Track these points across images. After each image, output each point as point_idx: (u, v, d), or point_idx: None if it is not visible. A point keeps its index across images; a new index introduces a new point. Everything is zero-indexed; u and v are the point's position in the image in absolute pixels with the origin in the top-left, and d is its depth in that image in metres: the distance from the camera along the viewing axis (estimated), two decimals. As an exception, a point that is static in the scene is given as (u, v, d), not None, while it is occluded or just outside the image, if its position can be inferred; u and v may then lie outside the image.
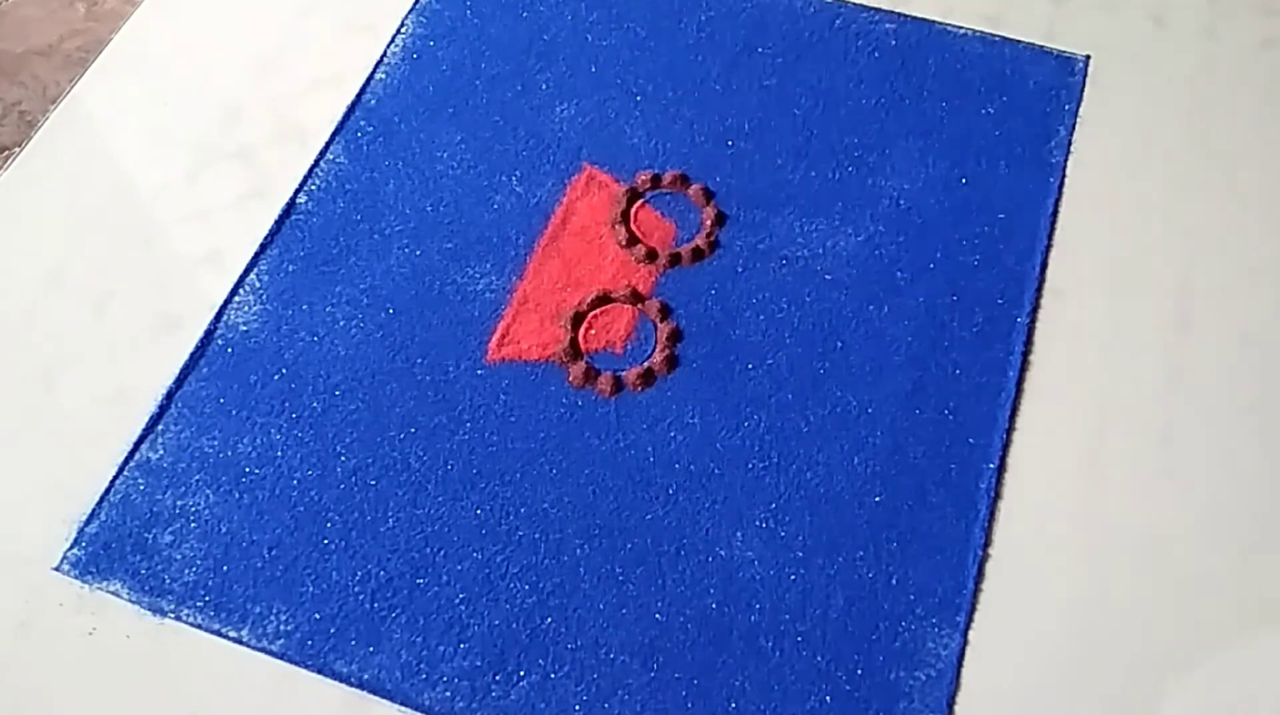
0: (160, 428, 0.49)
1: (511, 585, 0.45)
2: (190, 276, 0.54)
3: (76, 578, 0.46)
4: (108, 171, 0.57)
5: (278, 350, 0.51)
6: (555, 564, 0.45)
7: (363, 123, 0.58)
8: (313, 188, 0.56)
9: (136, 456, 0.49)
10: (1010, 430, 0.48)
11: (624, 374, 0.49)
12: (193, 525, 0.47)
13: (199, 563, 0.46)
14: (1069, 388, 0.49)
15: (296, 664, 0.44)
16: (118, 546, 0.46)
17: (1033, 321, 0.50)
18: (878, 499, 0.46)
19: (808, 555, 0.45)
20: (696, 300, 0.51)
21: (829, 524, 0.46)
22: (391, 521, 0.46)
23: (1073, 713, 0.42)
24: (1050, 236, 0.52)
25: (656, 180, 0.55)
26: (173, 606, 0.45)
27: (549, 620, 0.44)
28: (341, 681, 0.43)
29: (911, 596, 0.44)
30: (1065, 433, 0.48)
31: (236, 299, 0.52)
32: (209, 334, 0.51)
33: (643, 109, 0.57)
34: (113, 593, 0.45)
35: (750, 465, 0.47)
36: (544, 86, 0.58)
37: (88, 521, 0.47)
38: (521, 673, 0.43)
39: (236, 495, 0.47)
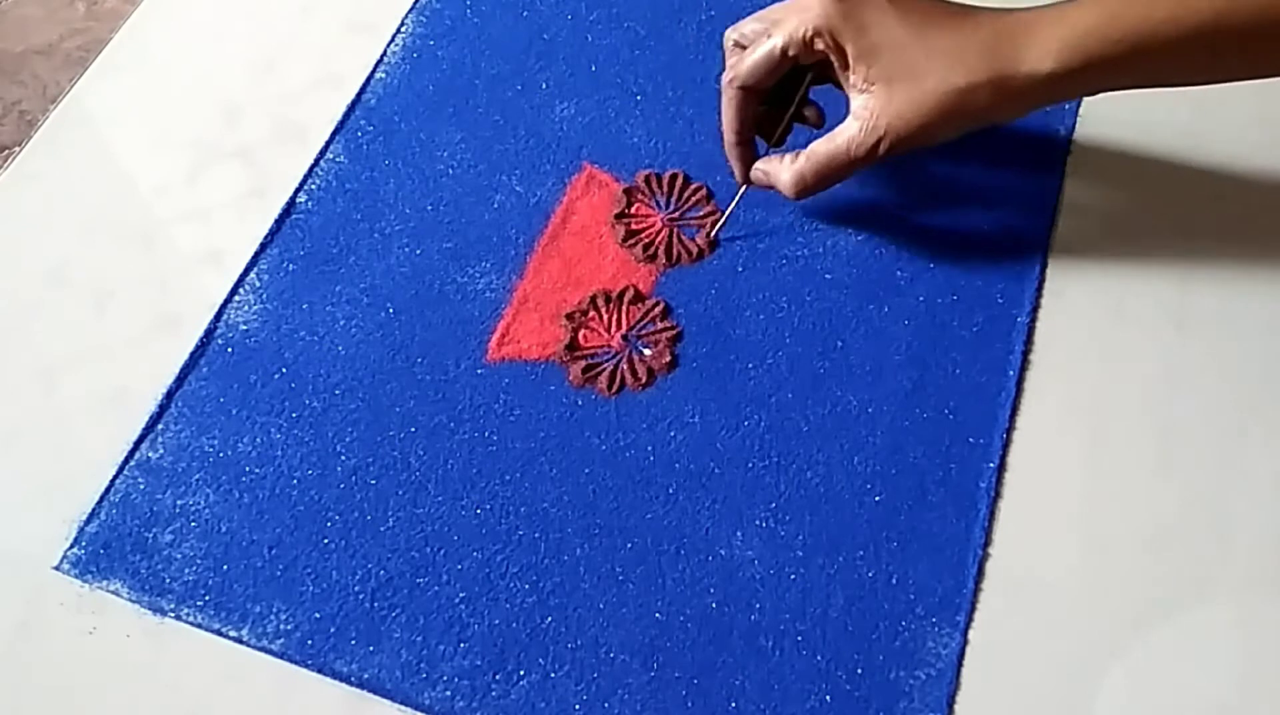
0: (160, 427, 0.49)
1: (511, 585, 0.45)
2: (190, 276, 0.54)
3: (76, 577, 0.46)
4: (108, 171, 0.58)
5: (278, 349, 0.51)
6: (555, 564, 0.45)
7: (363, 122, 0.58)
8: (313, 187, 0.56)
9: (136, 456, 0.49)
10: (1010, 430, 0.48)
11: (623, 373, 0.49)
12: (193, 525, 0.47)
13: (199, 562, 0.46)
14: (1069, 388, 0.49)
15: (296, 663, 0.44)
16: (118, 546, 0.46)
17: (1033, 321, 0.50)
18: (878, 499, 0.46)
19: (808, 555, 0.45)
20: (696, 300, 0.51)
21: (829, 524, 0.46)
22: (391, 521, 0.46)
23: (1073, 712, 0.42)
24: (1050, 236, 0.52)
25: (656, 180, 0.55)
26: (173, 606, 0.45)
27: (549, 620, 0.44)
28: (341, 681, 0.43)
29: (911, 596, 0.44)
30: (1065, 432, 0.48)
31: (236, 298, 0.53)
32: (209, 334, 0.51)
33: (643, 109, 0.57)
34: (113, 592, 0.45)
35: (750, 465, 0.47)
36: (544, 86, 0.59)
37: (88, 521, 0.47)
38: (521, 672, 0.43)
39: (236, 494, 0.47)
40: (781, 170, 0.47)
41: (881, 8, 0.43)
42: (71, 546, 0.47)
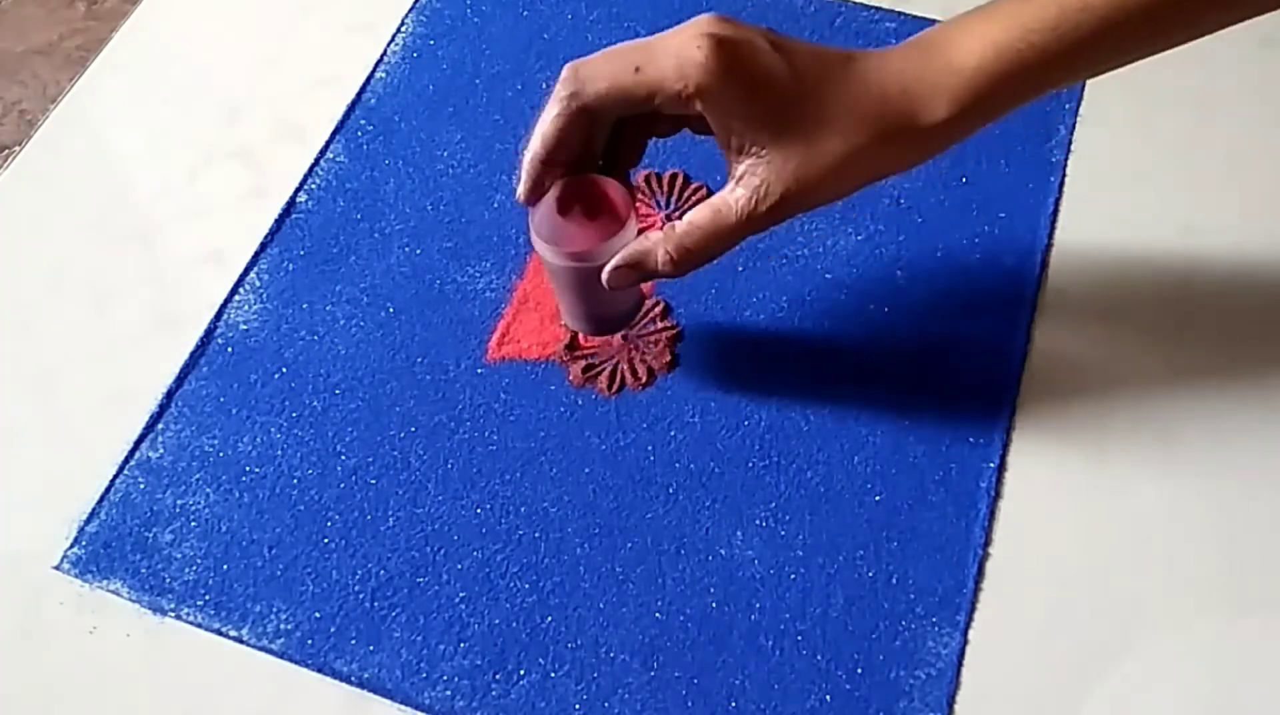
0: (160, 427, 0.49)
1: (511, 584, 0.45)
2: (190, 276, 0.54)
3: (77, 577, 0.46)
4: (108, 171, 0.58)
5: (278, 349, 0.51)
6: (555, 563, 0.45)
7: (363, 122, 0.58)
8: (313, 187, 0.56)
9: (136, 455, 0.49)
10: (1010, 430, 0.48)
11: (623, 373, 0.49)
12: (193, 524, 0.47)
13: (199, 562, 0.46)
14: (1069, 387, 0.49)
15: (296, 663, 0.44)
16: (118, 545, 0.46)
17: (1032, 322, 0.50)
18: (878, 498, 0.46)
19: (808, 554, 0.45)
20: (696, 300, 0.51)
21: (829, 523, 0.46)
22: (391, 520, 0.47)
23: (1073, 712, 0.42)
24: (1050, 236, 0.52)
25: (656, 179, 0.55)
26: (173, 605, 0.45)
27: (549, 619, 0.44)
28: (341, 680, 0.43)
29: (911, 596, 0.44)
30: (1065, 433, 0.48)
31: (236, 298, 0.53)
32: (209, 333, 0.52)
33: (643, 108, 0.57)
34: (113, 592, 0.46)
35: (750, 464, 0.47)
36: (544, 86, 0.58)
37: (88, 520, 0.47)
38: (521, 672, 0.43)
39: (236, 494, 0.47)
40: (656, 246, 0.41)
41: (770, 64, 0.37)
42: (71, 546, 0.47)
